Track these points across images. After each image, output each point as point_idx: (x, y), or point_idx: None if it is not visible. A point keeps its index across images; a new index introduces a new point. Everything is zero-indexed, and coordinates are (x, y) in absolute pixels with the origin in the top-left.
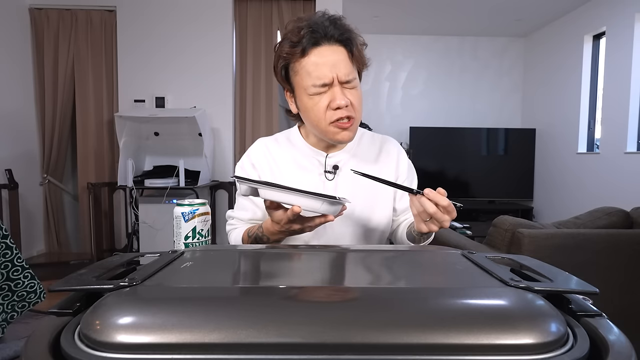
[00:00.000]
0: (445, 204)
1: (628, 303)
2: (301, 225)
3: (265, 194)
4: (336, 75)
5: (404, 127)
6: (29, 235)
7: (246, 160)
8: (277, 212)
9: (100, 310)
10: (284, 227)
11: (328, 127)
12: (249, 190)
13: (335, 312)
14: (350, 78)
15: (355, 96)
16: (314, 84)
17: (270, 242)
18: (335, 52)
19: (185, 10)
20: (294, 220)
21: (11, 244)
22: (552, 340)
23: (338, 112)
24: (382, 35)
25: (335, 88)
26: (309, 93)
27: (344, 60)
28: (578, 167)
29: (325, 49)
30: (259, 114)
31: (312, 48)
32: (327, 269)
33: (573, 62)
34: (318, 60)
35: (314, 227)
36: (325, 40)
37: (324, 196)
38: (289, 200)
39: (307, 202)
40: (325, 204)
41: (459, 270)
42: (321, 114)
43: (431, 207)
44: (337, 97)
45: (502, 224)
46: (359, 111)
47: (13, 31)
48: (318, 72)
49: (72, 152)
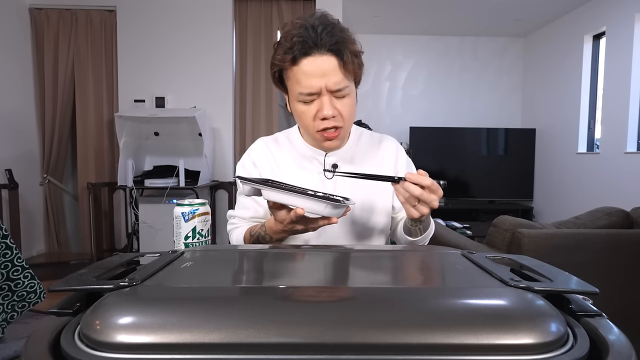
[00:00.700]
0: (429, 183)
1: (628, 303)
2: (304, 226)
3: (268, 195)
4: (325, 85)
5: (404, 127)
6: (29, 235)
7: (247, 159)
8: (280, 212)
9: (100, 310)
10: (287, 226)
11: (315, 134)
12: (252, 190)
13: (335, 312)
14: (341, 87)
15: (345, 105)
16: (301, 92)
17: (272, 241)
18: (326, 62)
19: (185, 10)
20: (297, 221)
21: (11, 244)
22: (552, 340)
23: (325, 122)
24: (382, 35)
25: (324, 97)
26: (298, 100)
27: (334, 70)
28: (578, 167)
29: (315, 58)
30: (259, 114)
31: (302, 57)
32: (327, 269)
33: (573, 62)
34: (307, 70)
35: (317, 228)
36: (316, 50)
37: (327, 198)
38: (292, 202)
39: (310, 205)
40: (328, 207)
41: (459, 270)
42: (309, 122)
43: (416, 189)
44: (324, 108)
45: (502, 224)
46: (349, 120)
47: (13, 31)
48: (307, 81)
49: (72, 152)
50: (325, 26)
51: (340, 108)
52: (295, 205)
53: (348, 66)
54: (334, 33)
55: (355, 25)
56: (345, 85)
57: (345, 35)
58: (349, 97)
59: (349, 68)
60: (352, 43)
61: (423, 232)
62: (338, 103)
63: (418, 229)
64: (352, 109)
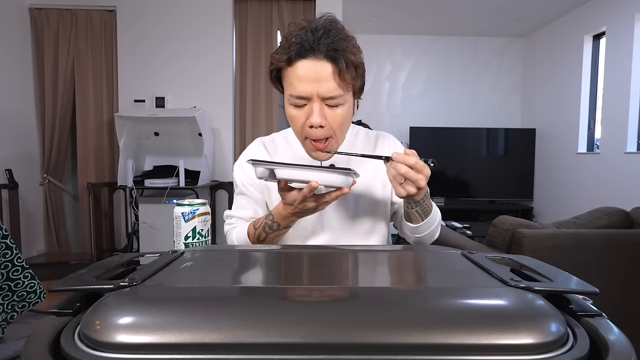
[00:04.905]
0: (413, 162)
1: (628, 303)
2: (316, 202)
3: (282, 173)
4: (317, 91)
5: (404, 127)
6: (29, 235)
7: (244, 159)
8: (290, 193)
9: (100, 310)
10: (297, 207)
11: (304, 141)
12: (265, 172)
13: (335, 312)
14: (333, 95)
15: (337, 116)
16: (292, 94)
17: (280, 228)
18: (320, 68)
19: (185, 10)
20: (308, 198)
21: (11, 244)
22: (552, 340)
23: (313, 131)
24: (382, 35)
25: (315, 104)
26: (290, 103)
27: (328, 77)
28: (578, 167)
29: (310, 63)
30: (259, 114)
31: (297, 60)
32: (327, 269)
33: (573, 62)
34: (301, 73)
35: (329, 203)
36: (311, 54)
37: (338, 168)
38: (306, 177)
39: (323, 177)
40: (341, 176)
41: (459, 270)
42: (299, 128)
43: (401, 167)
44: (313, 115)
45: (502, 224)
46: (340, 131)
47: (13, 31)
48: (299, 84)
49: (72, 152)
50: (327, 31)
51: (331, 118)
52: (309, 179)
53: (344, 75)
54: (334, 39)
55: (355, 25)
56: (338, 94)
57: (348, 43)
58: (342, 107)
59: (345, 77)
60: (354, 52)
61: (423, 217)
62: (329, 112)
63: (415, 211)
64: (344, 120)
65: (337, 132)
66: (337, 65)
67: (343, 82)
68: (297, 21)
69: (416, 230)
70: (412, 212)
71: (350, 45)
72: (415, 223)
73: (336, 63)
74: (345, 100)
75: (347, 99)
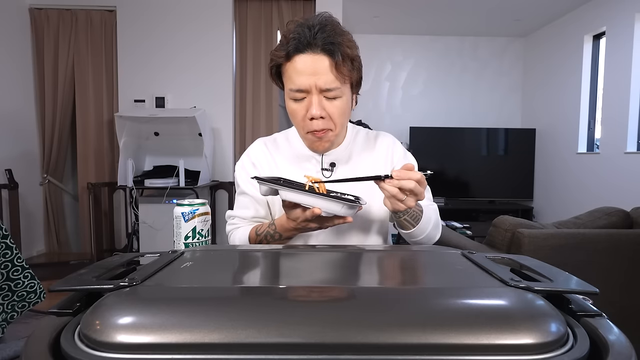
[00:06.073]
0: (419, 177)
1: (628, 303)
2: (319, 224)
3: (286, 195)
4: (315, 84)
5: (404, 127)
6: (29, 235)
7: (246, 159)
8: (294, 210)
9: (100, 310)
10: (300, 224)
11: (305, 135)
12: (269, 190)
13: (335, 312)
14: (331, 87)
15: (335, 108)
16: (291, 88)
17: (282, 239)
18: (318, 61)
19: (185, 10)
20: (312, 220)
21: (11, 244)
22: (552, 340)
23: (314, 123)
24: (382, 35)
25: (314, 97)
26: (290, 97)
27: (326, 69)
28: (578, 167)
29: (307, 56)
30: (259, 114)
31: (295, 54)
32: (327, 269)
33: (573, 62)
34: (299, 67)
35: (331, 226)
36: (309, 48)
37: (343, 199)
38: (309, 202)
39: (327, 205)
40: (345, 207)
41: (459, 270)
42: (299, 121)
43: (409, 183)
44: (312, 107)
45: (502, 224)
46: (340, 123)
47: (13, 31)
48: (297, 78)
49: (72, 152)
50: (323, 26)
51: (330, 110)
52: (312, 205)
53: (341, 67)
54: (330, 34)
55: (355, 26)
56: (336, 86)
57: (343, 38)
58: (340, 99)
59: (342, 70)
60: (349, 46)
61: (414, 224)
62: (328, 104)
63: (404, 219)
64: (343, 111)
65: (337, 124)
66: (334, 58)
67: (340, 75)
68: (295, 19)
69: (411, 235)
70: (401, 221)
71: (345, 40)
72: (407, 230)
73: (333, 56)
74: (343, 92)
75: (345, 92)
